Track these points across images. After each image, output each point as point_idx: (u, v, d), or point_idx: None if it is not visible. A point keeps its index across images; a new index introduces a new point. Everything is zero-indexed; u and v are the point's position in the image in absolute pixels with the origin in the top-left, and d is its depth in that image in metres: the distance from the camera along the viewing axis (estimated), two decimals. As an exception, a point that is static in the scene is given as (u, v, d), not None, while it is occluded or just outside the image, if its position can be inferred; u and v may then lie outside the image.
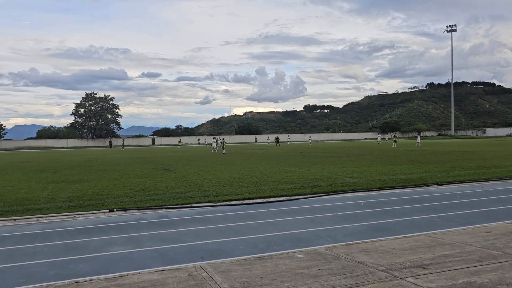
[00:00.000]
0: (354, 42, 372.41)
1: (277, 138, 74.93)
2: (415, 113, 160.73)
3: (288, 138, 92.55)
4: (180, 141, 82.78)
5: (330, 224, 9.34)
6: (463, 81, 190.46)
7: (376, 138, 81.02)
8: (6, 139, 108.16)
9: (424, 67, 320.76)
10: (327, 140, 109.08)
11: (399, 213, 10.47)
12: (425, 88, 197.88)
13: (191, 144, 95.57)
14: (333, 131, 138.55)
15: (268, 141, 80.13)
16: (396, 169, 20.42)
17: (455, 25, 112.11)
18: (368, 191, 14.13)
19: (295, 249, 7.29)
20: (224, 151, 44.08)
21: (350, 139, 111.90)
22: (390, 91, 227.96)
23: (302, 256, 6.70)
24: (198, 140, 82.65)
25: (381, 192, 13.98)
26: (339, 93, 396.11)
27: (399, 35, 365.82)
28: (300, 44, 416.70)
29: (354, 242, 7.63)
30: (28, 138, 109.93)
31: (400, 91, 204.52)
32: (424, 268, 5.84)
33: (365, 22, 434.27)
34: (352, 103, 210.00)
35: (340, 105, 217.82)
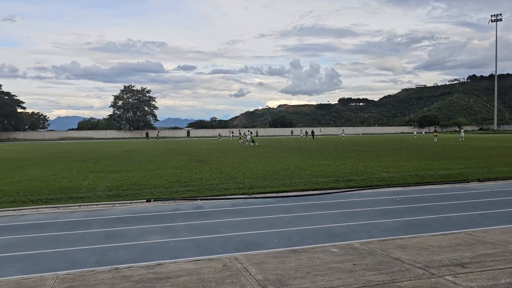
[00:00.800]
0: (392, 33, 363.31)
1: (312, 132, 74.35)
2: (455, 107, 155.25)
3: (320, 131, 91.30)
4: (220, 134, 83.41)
5: (365, 219, 9.21)
6: (507, 73, 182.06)
7: (413, 132, 78.66)
8: (49, 130, 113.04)
9: (466, 59, 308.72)
10: (362, 133, 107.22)
11: (437, 209, 10.19)
12: (466, 80, 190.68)
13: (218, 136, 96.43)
14: (368, 125, 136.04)
15: (302, 134, 79.20)
16: (435, 164, 19.83)
17: (500, 14, 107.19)
18: (405, 186, 13.81)
19: (329, 243, 7.25)
20: (252, 144, 44.36)
21: (386, 133, 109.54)
22: (429, 84, 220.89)
23: (336, 250, 6.66)
24: (219, 134, 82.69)
25: (418, 187, 13.63)
26: (375, 86, 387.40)
27: (439, 26, 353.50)
28: (336, 36, 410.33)
29: (389, 238, 7.50)
30: (69, 129, 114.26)
31: (439, 83, 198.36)
32: (463, 266, 5.68)
33: (403, 12, 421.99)
34: (389, 96, 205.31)
35: (376, 98, 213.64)
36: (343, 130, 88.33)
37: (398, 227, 8.55)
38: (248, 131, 58.01)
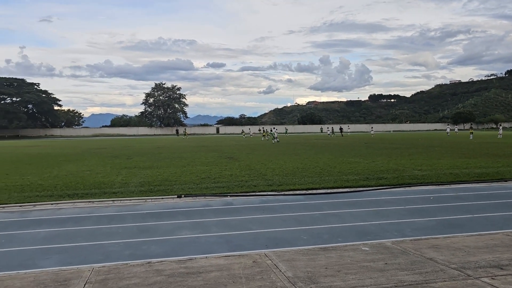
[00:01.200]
0: (425, 27, 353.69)
1: (341, 129, 73.32)
2: (491, 103, 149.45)
3: (349, 128, 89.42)
4: (243, 131, 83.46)
5: (397, 218, 9.04)
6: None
7: (446, 129, 76.00)
8: (84, 127, 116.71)
9: (504, 53, 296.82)
10: (393, 131, 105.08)
11: (473, 209, 9.87)
12: (504, 75, 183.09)
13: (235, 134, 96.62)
14: (400, 122, 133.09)
15: (328, 131, 77.31)
16: (470, 162, 19.20)
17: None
18: (438, 184, 13.45)
19: (360, 241, 7.16)
20: (273, 141, 45.12)
21: (418, 130, 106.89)
22: (464, 79, 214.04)
23: (367, 249, 6.57)
24: (242, 131, 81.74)
25: (453, 186, 13.24)
26: (407, 81, 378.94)
27: (475, 19, 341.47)
28: (366, 31, 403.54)
29: (423, 237, 7.34)
30: (103, 126, 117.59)
31: (475, 79, 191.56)
32: (502, 268, 5.49)
33: (437, 6, 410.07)
34: (421, 92, 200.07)
35: (407, 94, 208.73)
36: (372, 127, 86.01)
37: (431, 226, 8.34)
38: (274, 127, 58.05)
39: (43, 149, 39.34)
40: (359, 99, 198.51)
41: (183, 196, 11.84)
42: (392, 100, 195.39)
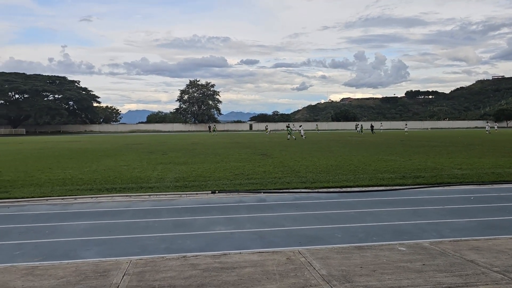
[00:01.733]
0: (466, 21, 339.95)
1: (371, 126, 71.60)
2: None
3: (381, 125, 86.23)
4: (266, 127, 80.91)
5: (435, 218, 8.77)
6: None
7: (485, 127, 70.54)
8: (121, 123, 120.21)
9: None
10: (430, 128, 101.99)
11: (517, 210, 9.44)
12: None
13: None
14: (438, 119, 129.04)
15: (358, 129, 74.11)
16: (514, 162, 18.36)
17: None
18: (480, 184, 12.95)
19: (396, 241, 7.00)
20: (289, 137, 45.91)
21: (458, 128, 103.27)
22: (508, 75, 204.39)
23: (404, 249, 6.42)
24: (266, 127, 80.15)
25: (495, 186, 12.71)
26: (446, 77, 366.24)
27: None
28: (403, 26, 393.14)
29: (463, 238, 7.08)
30: (139, 122, 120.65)
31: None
32: (548, 273, 5.22)
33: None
34: (461, 88, 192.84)
35: (446, 90, 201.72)
36: (406, 124, 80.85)
37: (472, 227, 8.04)
38: (300, 125, 57.76)
39: (83, 144, 40.78)
40: (395, 95, 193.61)
41: (217, 192, 11.96)
42: (430, 97, 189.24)
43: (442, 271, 5.36)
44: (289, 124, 59.58)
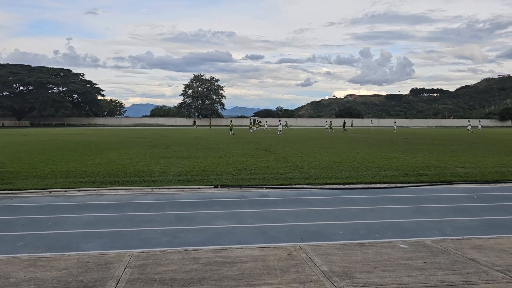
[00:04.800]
0: (473, 19, 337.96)
1: (344, 123, 68.98)
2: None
3: (371, 122, 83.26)
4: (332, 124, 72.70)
5: (438, 216, 8.75)
6: None
7: (477, 126, 64.14)
8: (125, 117, 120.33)
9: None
10: (435, 126, 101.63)
11: (520, 209, 9.40)
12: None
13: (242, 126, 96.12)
14: (443, 117, 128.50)
15: (326, 126, 67.87)
16: (518, 161, 18.27)
17: None
18: (483, 183, 12.90)
19: (398, 238, 7.00)
20: (251, 131, 47.30)
21: (462, 126, 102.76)
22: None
23: (405, 246, 6.41)
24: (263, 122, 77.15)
25: (498, 185, 12.66)
26: (451, 75, 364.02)
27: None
28: (409, 23, 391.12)
29: (465, 237, 7.07)
30: (143, 116, 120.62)
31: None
32: (550, 273, 5.20)
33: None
34: (467, 86, 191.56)
35: (452, 88, 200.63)
36: (395, 122, 75.70)
37: (474, 226, 8.02)
38: (279, 120, 57.78)
39: (87, 137, 40.89)
40: (399, 92, 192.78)
41: (219, 186, 11.98)
42: (435, 95, 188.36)
43: (443, 269, 5.35)
44: (256, 119, 59.06)
